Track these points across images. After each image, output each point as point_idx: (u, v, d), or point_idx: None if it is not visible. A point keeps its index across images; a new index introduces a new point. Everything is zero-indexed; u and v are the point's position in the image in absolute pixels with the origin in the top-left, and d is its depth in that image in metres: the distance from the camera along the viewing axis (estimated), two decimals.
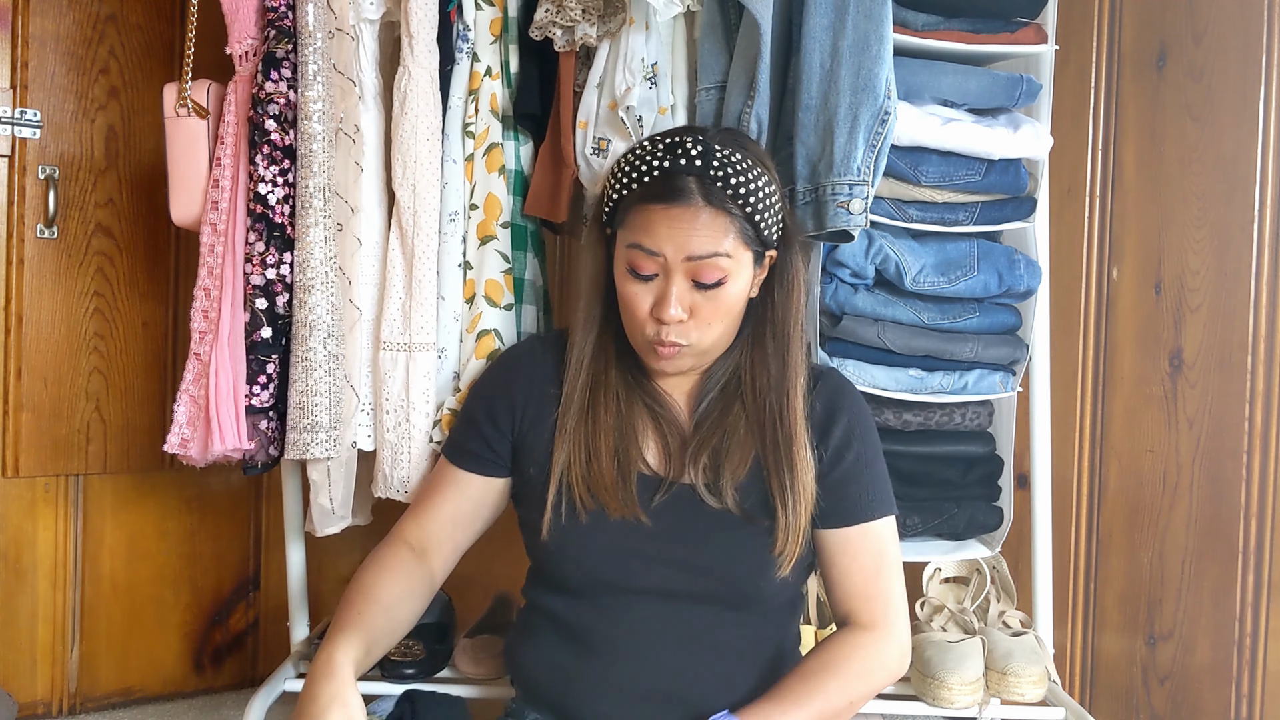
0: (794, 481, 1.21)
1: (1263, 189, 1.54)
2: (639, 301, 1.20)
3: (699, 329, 1.19)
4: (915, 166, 1.44)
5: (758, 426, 1.24)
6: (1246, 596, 1.54)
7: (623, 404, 1.26)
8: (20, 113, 1.72)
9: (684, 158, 1.17)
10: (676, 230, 1.16)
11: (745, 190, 1.17)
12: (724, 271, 1.17)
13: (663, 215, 1.16)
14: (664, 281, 1.18)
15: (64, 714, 1.83)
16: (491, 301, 1.45)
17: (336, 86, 1.42)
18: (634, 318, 1.21)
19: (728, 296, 1.19)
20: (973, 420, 1.52)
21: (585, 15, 1.40)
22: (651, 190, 1.17)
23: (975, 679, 1.49)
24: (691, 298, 1.18)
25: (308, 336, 1.39)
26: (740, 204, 1.17)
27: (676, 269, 1.17)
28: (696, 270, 1.17)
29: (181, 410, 1.44)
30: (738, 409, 1.26)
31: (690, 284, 1.17)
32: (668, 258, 1.17)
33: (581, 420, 1.25)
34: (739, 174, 1.17)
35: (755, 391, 1.25)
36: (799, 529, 1.21)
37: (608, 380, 1.26)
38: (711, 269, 1.16)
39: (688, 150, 1.17)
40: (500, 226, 1.47)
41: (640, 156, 1.20)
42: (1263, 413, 1.53)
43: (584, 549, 1.23)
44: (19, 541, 1.78)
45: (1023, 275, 1.48)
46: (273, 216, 1.41)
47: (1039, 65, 1.53)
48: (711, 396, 1.28)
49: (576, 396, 1.26)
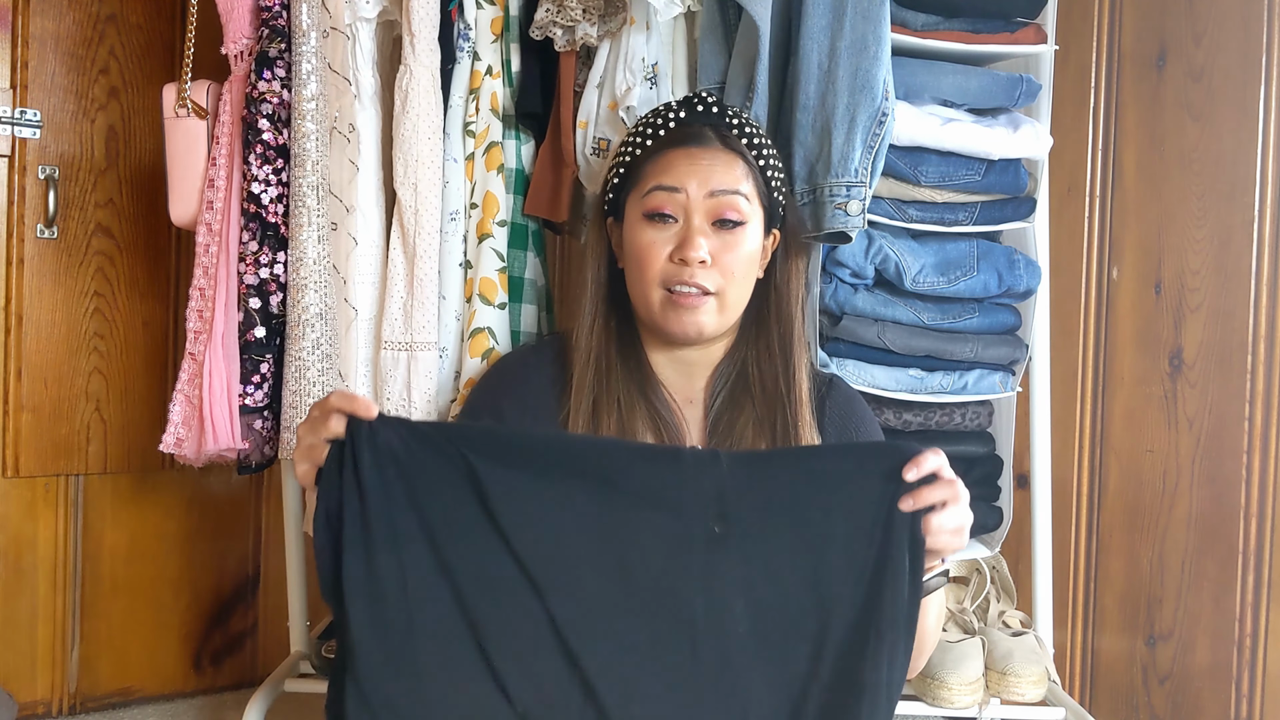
0: None
1: (1263, 189, 1.54)
2: (657, 249, 1.18)
3: (723, 276, 1.19)
4: (915, 166, 1.44)
5: (767, 416, 1.24)
6: (1246, 596, 1.54)
7: (624, 414, 1.24)
8: (20, 113, 1.72)
9: (700, 106, 1.22)
10: (698, 166, 1.18)
11: (758, 142, 1.22)
12: (743, 214, 1.19)
13: (683, 155, 1.19)
14: (684, 225, 1.18)
15: (64, 714, 1.83)
16: (485, 300, 1.45)
17: (331, 85, 1.42)
18: (651, 268, 1.19)
19: (745, 245, 1.20)
20: (972, 420, 1.52)
21: (586, 15, 1.40)
22: (669, 138, 1.21)
23: (975, 679, 1.49)
24: (713, 241, 1.18)
25: (301, 336, 1.39)
26: (754, 154, 1.21)
27: (697, 208, 1.18)
28: (718, 207, 1.18)
29: (177, 410, 1.44)
30: (749, 411, 1.25)
31: (711, 225, 1.18)
32: (689, 193, 1.18)
33: (585, 430, 1.23)
34: (753, 129, 1.23)
35: (763, 382, 1.25)
36: None
37: (609, 388, 1.24)
38: (732, 206, 1.18)
39: (704, 100, 1.23)
40: (496, 225, 1.46)
41: (652, 118, 1.24)
42: (1263, 413, 1.53)
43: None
44: (19, 541, 1.78)
45: (1022, 275, 1.48)
46: (266, 216, 1.41)
47: (1039, 65, 1.53)
48: (721, 400, 1.27)
49: (584, 405, 1.23)
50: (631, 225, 1.22)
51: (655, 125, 1.23)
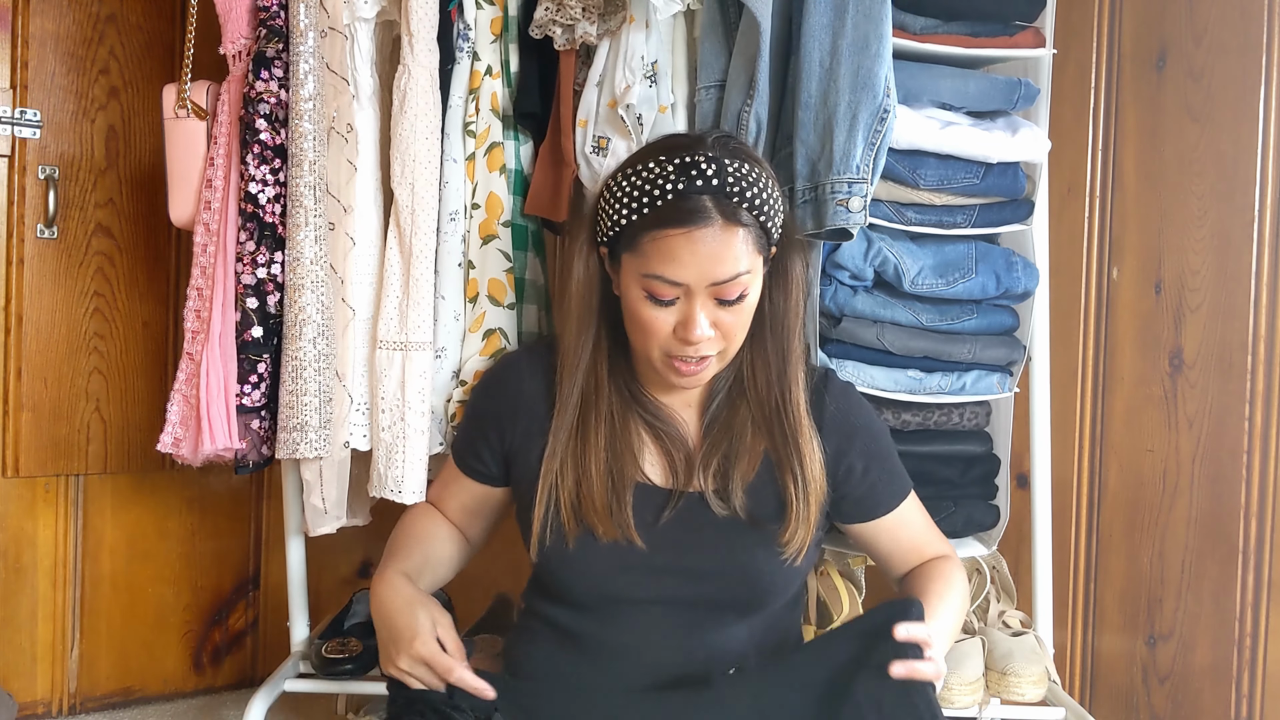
0: (804, 472, 1.22)
1: (1263, 189, 1.54)
2: (659, 325, 1.17)
3: (725, 340, 1.19)
4: (914, 169, 1.44)
5: (764, 422, 1.25)
6: (1246, 596, 1.54)
7: (617, 421, 1.25)
8: (20, 113, 1.72)
9: (699, 177, 1.14)
10: (699, 256, 1.13)
11: (759, 200, 1.16)
12: (745, 286, 1.17)
13: (683, 241, 1.13)
14: (687, 304, 1.16)
15: (64, 714, 1.83)
16: (495, 301, 1.45)
17: (329, 85, 1.42)
18: (653, 339, 1.19)
19: (749, 307, 1.20)
20: (970, 420, 1.52)
21: (585, 13, 1.40)
22: (667, 215, 1.14)
23: (975, 679, 1.49)
24: (714, 315, 1.17)
25: (297, 336, 1.39)
26: (755, 214, 1.16)
27: (699, 293, 1.15)
28: (720, 291, 1.16)
29: (174, 409, 1.44)
30: (744, 411, 1.26)
31: (714, 303, 1.16)
32: (691, 285, 1.15)
33: (571, 441, 1.23)
34: (751, 184, 1.15)
35: (758, 388, 1.26)
36: (810, 519, 1.22)
37: (599, 398, 1.24)
38: (735, 287, 1.16)
39: (702, 170, 1.14)
40: (502, 225, 1.47)
41: (648, 179, 1.15)
42: (1263, 413, 1.53)
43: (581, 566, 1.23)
44: (19, 541, 1.78)
45: (1020, 277, 1.48)
46: (263, 216, 1.41)
47: (1037, 69, 1.53)
48: (719, 401, 1.28)
49: (567, 417, 1.24)
50: (629, 290, 1.19)
51: (651, 193, 1.15)
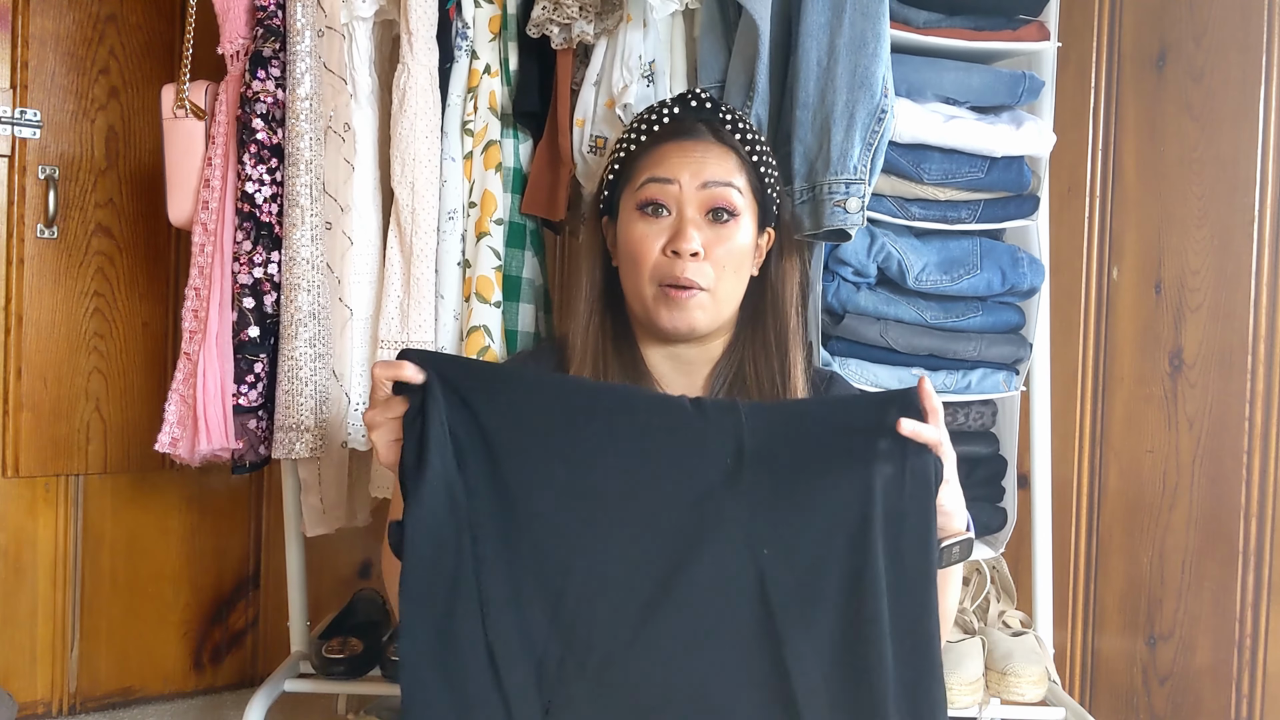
0: None
1: (1263, 189, 1.54)
2: (651, 241, 1.19)
3: (715, 270, 1.19)
4: (918, 164, 1.43)
5: None
6: (1246, 596, 1.54)
7: None
8: (20, 113, 1.72)
9: (694, 102, 1.23)
10: (691, 158, 1.19)
11: (752, 137, 1.23)
12: (736, 206, 1.19)
13: (676, 148, 1.20)
14: (677, 217, 1.19)
15: (64, 713, 1.83)
16: (481, 298, 1.45)
17: (327, 85, 1.42)
18: (644, 262, 1.19)
19: (738, 238, 1.20)
20: (976, 420, 1.51)
21: (582, 12, 1.40)
22: (663, 133, 1.22)
23: (975, 679, 1.49)
24: (705, 234, 1.18)
25: (294, 336, 1.39)
26: (748, 150, 1.22)
27: (690, 200, 1.18)
28: (711, 199, 1.18)
29: (172, 409, 1.44)
30: None
31: (704, 218, 1.19)
32: (682, 185, 1.18)
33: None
34: (744, 122, 1.23)
35: (759, 378, 1.25)
36: None
37: (607, 378, 1.25)
38: (725, 198, 1.18)
39: (698, 96, 1.23)
40: (494, 223, 1.46)
41: (646, 115, 1.25)
42: (1263, 413, 1.53)
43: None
44: (19, 541, 1.78)
45: (1026, 273, 1.48)
46: (260, 215, 1.41)
47: (1041, 62, 1.53)
48: (720, 394, 1.27)
49: None
50: (625, 219, 1.23)
51: (649, 122, 1.24)
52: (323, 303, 1.41)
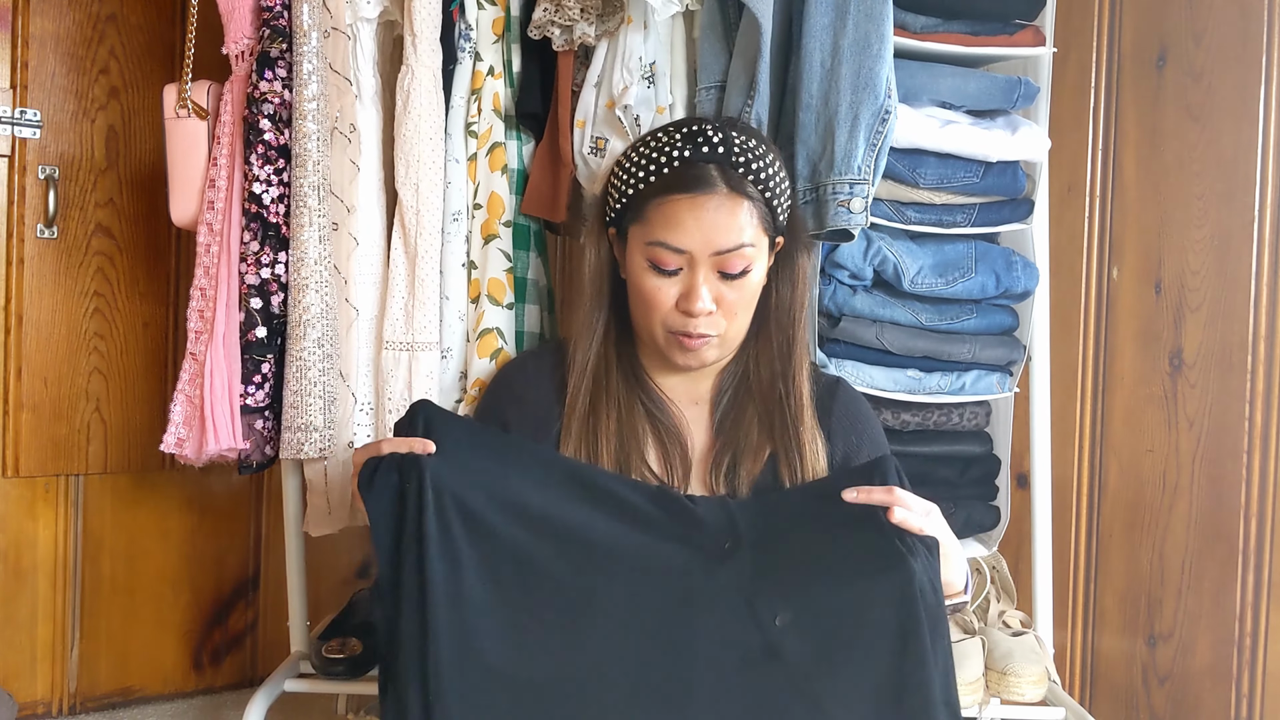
0: (802, 464, 1.22)
1: (1263, 189, 1.54)
2: (662, 296, 1.18)
3: (726, 318, 1.19)
4: (913, 168, 1.44)
5: (767, 416, 1.25)
6: (1246, 596, 1.54)
7: (623, 408, 1.25)
8: (20, 113, 1.72)
9: (705, 145, 1.17)
10: (703, 223, 1.15)
11: (765, 175, 1.18)
12: (749, 260, 1.17)
13: (687, 206, 1.16)
14: (690, 275, 1.17)
15: (64, 714, 1.83)
16: (494, 300, 1.45)
17: (332, 85, 1.42)
18: (656, 312, 1.19)
19: (752, 285, 1.20)
20: (970, 420, 1.52)
21: (583, 14, 1.40)
22: (673, 181, 1.17)
23: (975, 679, 1.49)
24: (717, 289, 1.18)
25: (301, 336, 1.39)
26: (760, 189, 1.18)
27: (703, 262, 1.16)
28: (723, 262, 1.17)
29: (178, 410, 1.44)
30: (750, 410, 1.25)
31: (716, 275, 1.17)
32: (694, 253, 1.16)
33: (583, 428, 1.23)
34: (758, 159, 1.18)
35: (762, 381, 1.26)
36: None
37: (609, 382, 1.25)
38: (738, 259, 1.17)
39: (709, 137, 1.17)
40: (503, 225, 1.46)
41: (655, 148, 1.19)
42: (1263, 413, 1.53)
43: None
44: (19, 541, 1.78)
45: (1020, 277, 1.48)
46: (267, 216, 1.41)
47: (1037, 67, 1.53)
48: (727, 399, 1.27)
49: (579, 405, 1.24)
50: (634, 261, 1.21)
51: (658, 160, 1.19)
52: (330, 303, 1.41)
